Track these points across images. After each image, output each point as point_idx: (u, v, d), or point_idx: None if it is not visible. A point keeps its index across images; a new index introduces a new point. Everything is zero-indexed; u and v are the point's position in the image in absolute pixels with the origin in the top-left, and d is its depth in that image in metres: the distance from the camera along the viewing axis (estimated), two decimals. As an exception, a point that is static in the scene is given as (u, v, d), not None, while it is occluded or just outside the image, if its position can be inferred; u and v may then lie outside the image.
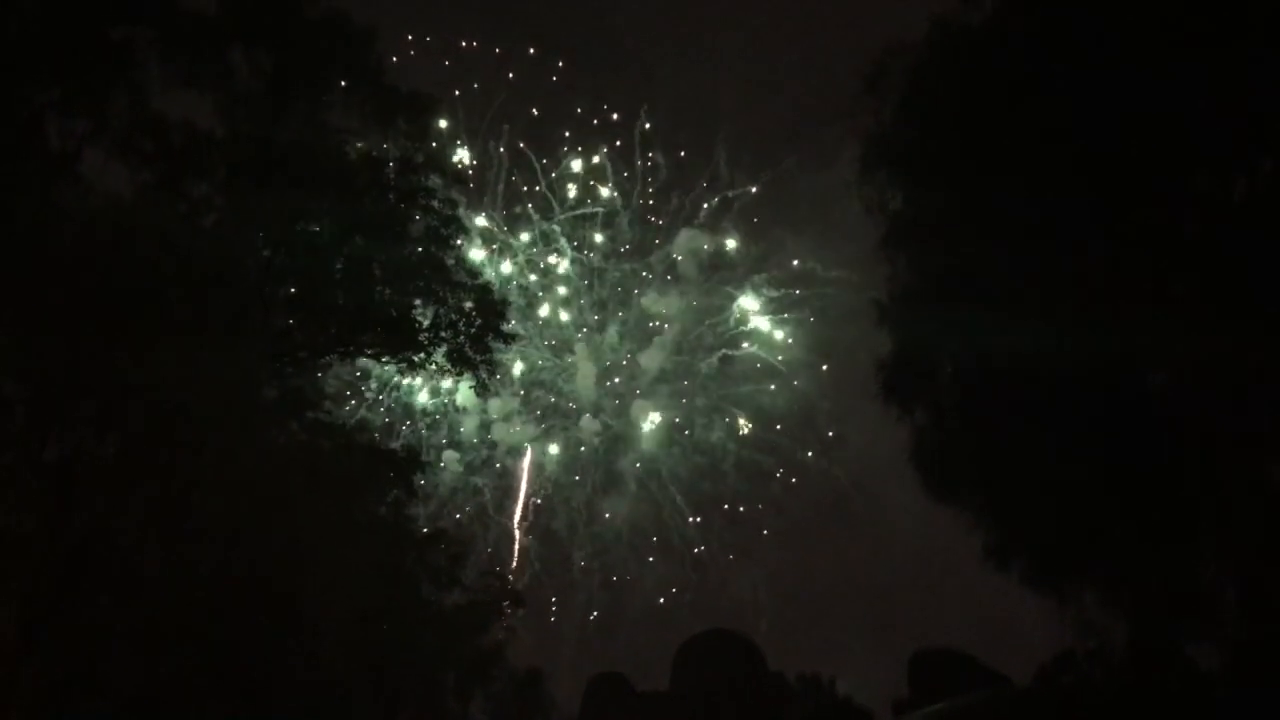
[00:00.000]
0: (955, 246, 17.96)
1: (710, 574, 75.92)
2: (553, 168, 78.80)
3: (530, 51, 79.78)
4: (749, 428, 76.44)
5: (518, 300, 74.38)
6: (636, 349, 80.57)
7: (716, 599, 75.26)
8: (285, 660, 22.49)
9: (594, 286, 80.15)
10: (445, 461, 73.98)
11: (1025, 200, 16.46)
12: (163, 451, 18.81)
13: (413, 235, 25.86)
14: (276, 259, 24.04)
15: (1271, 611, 16.50)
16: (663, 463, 77.91)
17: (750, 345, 78.10)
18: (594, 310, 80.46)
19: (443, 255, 26.15)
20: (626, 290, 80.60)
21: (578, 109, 79.78)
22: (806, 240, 76.16)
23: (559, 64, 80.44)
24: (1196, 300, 15.74)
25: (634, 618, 74.83)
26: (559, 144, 79.13)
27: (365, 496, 28.04)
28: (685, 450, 77.80)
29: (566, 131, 79.40)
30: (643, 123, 78.71)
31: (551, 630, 72.74)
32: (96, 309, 17.91)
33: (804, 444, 76.12)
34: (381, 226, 24.91)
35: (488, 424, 77.17)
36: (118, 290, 18.11)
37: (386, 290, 25.56)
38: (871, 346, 20.27)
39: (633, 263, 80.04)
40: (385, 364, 27.55)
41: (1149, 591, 17.64)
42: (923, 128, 17.97)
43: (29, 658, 17.65)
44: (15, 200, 18.79)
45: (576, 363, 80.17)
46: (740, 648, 51.46)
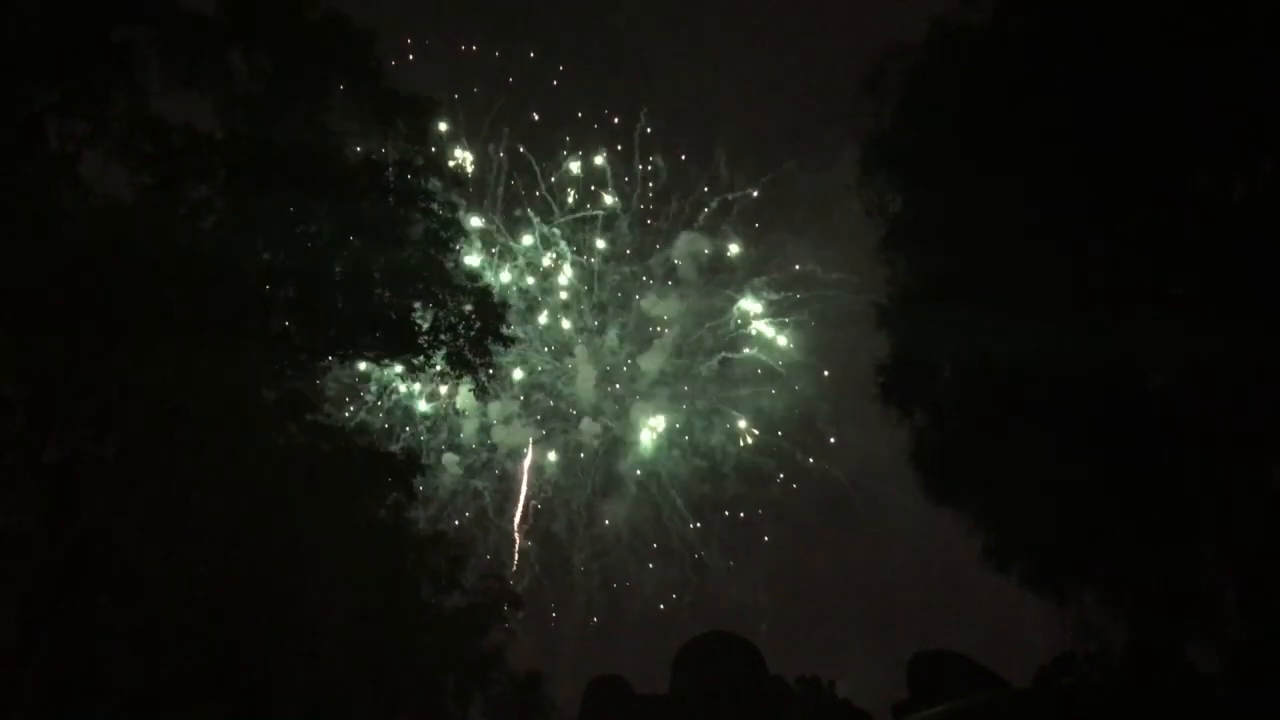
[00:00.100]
0: (955, 248, 17.99)
1: (710, 576, 75.87)
2: (552, 171, 78.86)
3: (530, 54, 79.89)
4: (750, 436, 76.39)
5: (517, 304, 74.43)
6: (636, 352, 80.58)
7: (716, 601, 75.16)
8: (285, 660, 22.52)
9: (594, 290, 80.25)
10: (445, 464, 73.96)
11: (1025, 201, 16.49)
12: (163, 452, 18.85)
13: (412, 238, 25.78)
14: (276, 261, 23.98)
15: (1271, 611, 16.48)
16: (663, 465, 77.98)
17: (750, 348, 78.17)
18: (594, 313, 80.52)
19: (442, 258, 26.12)
20: (626, 293, 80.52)
21: (578, 112, 79.78)
22: (806, 242, 75.96)
23: (559, 67, 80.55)
24: (1196, 300, 15.76)
25: (634, 620, 74.69)
26: (559, 147, 79.22)
27: (364, 499, 28.06)
28: (685, 453, 77.88)
29: (566, 135, 79.53)
30: (643, 125, 78.74)
31: (551, 633, 72.60)
32: (96, 309, 17.92)
33: (804, 446, 76.12)
34: (381, 229, 24.85)
35: (488, 427, 77.26)
36: (118, 290, 18.12)
37: (386, 293, 25.48)
38: (871, 349, 20.39)
39: (632, 266, 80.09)
40: (385, 366, 27.52)
41: (1149, 592, 17.64)
42: (923, 129, 17.99)
43: (29, 658, 17.63)
44: (15, 201, 18.79)
45: (576, 366, 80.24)
46: (740, 650, 51.40)
